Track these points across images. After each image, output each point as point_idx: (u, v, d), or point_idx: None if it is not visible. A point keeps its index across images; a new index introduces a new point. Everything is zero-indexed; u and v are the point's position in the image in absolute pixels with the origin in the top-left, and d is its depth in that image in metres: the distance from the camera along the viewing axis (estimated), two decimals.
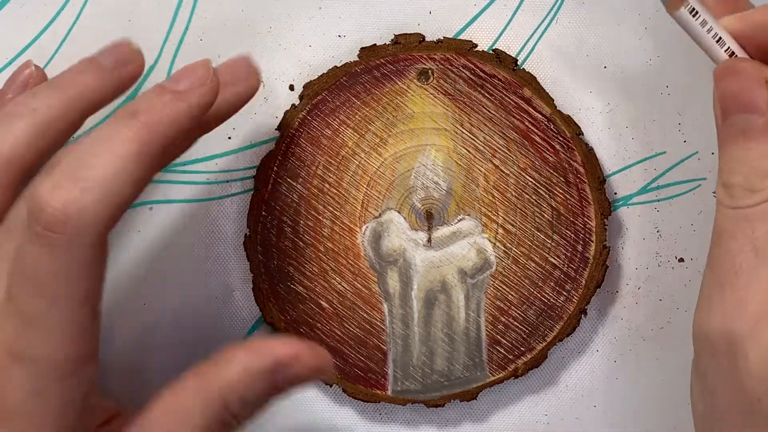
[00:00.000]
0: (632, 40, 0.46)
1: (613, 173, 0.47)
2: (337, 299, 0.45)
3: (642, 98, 0.46)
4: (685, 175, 0.47)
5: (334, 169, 0.45)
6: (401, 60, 0.44)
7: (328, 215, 0.45)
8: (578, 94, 0.46)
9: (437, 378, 0.45)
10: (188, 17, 0.46)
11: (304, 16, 0.46)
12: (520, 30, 0.46)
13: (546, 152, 0.44)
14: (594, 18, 0.46)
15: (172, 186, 0.47)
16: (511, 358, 0.45)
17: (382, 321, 0.45)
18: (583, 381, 0.47)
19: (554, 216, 0.44)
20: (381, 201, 0.45)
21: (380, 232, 0.45)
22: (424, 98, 0.44)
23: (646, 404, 0.47)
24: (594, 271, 0.44)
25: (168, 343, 0.47)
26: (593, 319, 0.47)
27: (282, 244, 0.45)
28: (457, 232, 0.45)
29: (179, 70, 0.35)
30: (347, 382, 0.45)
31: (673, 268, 0.47)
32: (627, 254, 0.47)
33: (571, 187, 0.44)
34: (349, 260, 0.45)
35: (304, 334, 0.45)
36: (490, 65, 0.44)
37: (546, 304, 0.44)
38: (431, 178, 0.45)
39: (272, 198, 0.45)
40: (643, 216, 0.47)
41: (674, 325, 0.47)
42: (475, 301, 0.45)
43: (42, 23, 0.46)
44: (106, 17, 0.46)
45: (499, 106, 0.44)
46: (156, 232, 0.47)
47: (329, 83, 0.44)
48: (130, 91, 0.46)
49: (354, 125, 0.45)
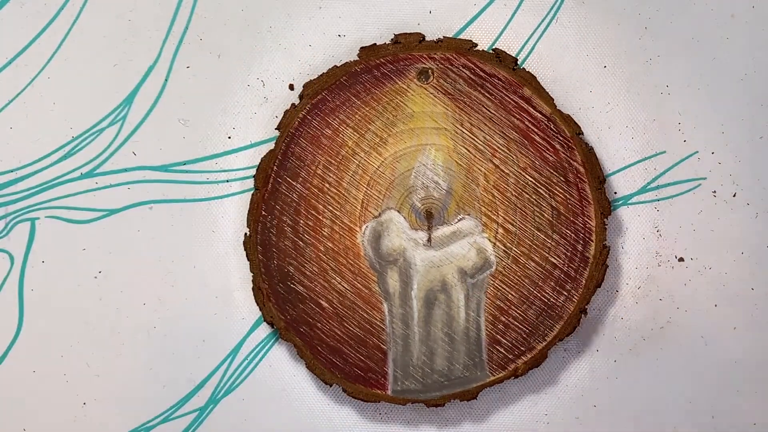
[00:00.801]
0: (632, 40, 0.46)
1: (613, 173, 0.47)
2: (337, 299, 0.45)
3: (642, 98, 0.46)
4: (685, 175, 0.47)
5: (334, 169, 0.45)
6: (401, 59, 0.44)
7: (328, 215, 0.45)
8: (578, 94, 0.46)
9: (437, 378, 0.45)
10: (188, 17, 0.46)
11: (304, 15, 0.47)
12: (520, 30, 0.46)
13: (546, 152, 0.44)
14: (594, 18, 0.46)
15: (172, 186, 0.47)
16: (511, 358, 0.45)
17: (382, 321, 0.45)
18: (583, 381, 0.47)
19: (554, 215, 0.44)
20: (381, 200, 0.45)
21: (380, 231, 0.45)
22: (424, 98, 0.44)
23: (646, 404, 0.47)
24: (594, 271, 0.44)
25: (168, 343, 0.47)
26: (593, 319, 0.47)
27: (282, 243, 0.45)
28: (457, 231, 0.45)
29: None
30: (347, 382, 0.45)
31: (673, 267, 0.47)
32: (627, 254, 0.47)
33: (571, 186, 0.44)
34: (349, 260, 0.45)
35: (304, 333, 0.45)
36: (490, 65, 0.44)
37: (546, 303, 0.44)
38: (431, 177, 0.45)
39: (272, 198, 0.45)
40: (643, 216, 0.47)
41: (674, 325, 0.47)
42: (475, 300, 0.44)
43: (42, 23, 0.46)
44: (106, 17, 0.46)
45: (499, 105, 0.44)
46: (156, 232, 0.47)
47: (329, 83, 0.44)
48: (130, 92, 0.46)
49: (354, 125, 0.45)
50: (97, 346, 0.47)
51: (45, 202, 0.47)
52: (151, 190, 0.47)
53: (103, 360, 0.47)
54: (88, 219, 0.47)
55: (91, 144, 0.47)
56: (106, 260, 0.47)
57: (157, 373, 0.47)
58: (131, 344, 0.47)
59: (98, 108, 0.47)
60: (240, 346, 0.47)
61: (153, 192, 0.47)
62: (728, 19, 0.46)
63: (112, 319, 0.47)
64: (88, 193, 0.47)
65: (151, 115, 0.47)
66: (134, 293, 0.47)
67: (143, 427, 0.47)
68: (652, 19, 0.46)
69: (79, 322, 0.47)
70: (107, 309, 0.47)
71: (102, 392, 0.47)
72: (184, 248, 0.47)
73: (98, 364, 0.47)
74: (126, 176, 0.47)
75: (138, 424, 0.47)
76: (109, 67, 0.46)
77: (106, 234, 0.47)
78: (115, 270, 0.47)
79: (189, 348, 0.47)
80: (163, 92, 0.46)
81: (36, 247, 0.47)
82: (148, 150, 0.47)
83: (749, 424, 0.47)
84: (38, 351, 0.47)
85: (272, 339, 0.47)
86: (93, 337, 0.47)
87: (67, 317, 0.47)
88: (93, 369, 0.47)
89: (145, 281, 0.47)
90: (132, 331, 0.47)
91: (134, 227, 0.47)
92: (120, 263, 0.47)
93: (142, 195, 0.47)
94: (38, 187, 0.47)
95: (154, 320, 0.47)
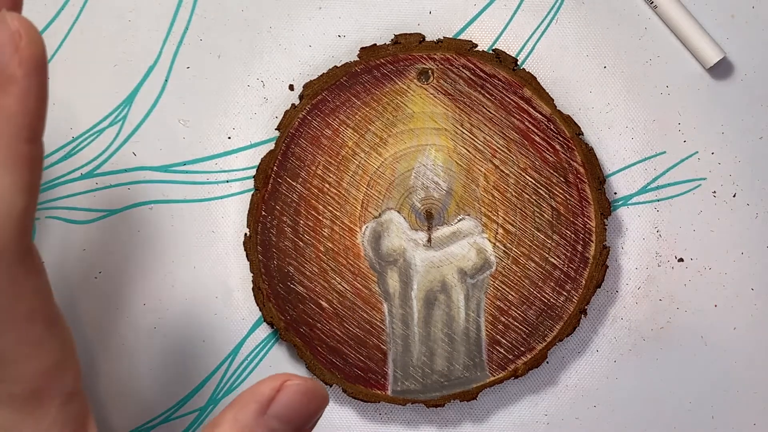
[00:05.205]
0: (632, 40, 0.46)
1: (613, 173, 0.47)
2: (337, 299, 0.45)
3: (642, 98, 0.46)
4: (685, 175, 0.47)
5: (334, 169, 0.45)
6: (401, 60, 0.44)
7: (328, 215, 0.45)
8: (578, 94, 0.46)
9: (437, 378, 0.45)
10: (188, 17, 0.46)
11: (304, 16, 0.46)
12: (520, 30, 0.46)
13: (546, 152, 0.44)
14: (594, 18, 0.46)
15: (172, 186, 0.47)
16: (511, 358, 0.45)
17: (382, 321, 0.45)
18: (583, 381, 0.47)
19: (554, 216, 0.44)
20: (381, 201, 0.45)
21: (380, 232, 0.45)
22: (424, 98, 0.44)
23: (646, 404, 0.47)
24: (594, 271, 0.44)
25: (168, 343, 0.47)
26: (593, 319, 0.47)
27: (282, 244, 0.45)
28: (457, 232, 0.45)
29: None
30: (347, 382, 0.45)
31: (673, 268, 0.47)
32: (627, 254, 0.47)
33: (571, 187, 0.44)
34: (349, 260, 0.45)
35: (304, 334, 0.45)
36: (490, 65, 0.44)
37: (546, 304, 0.44)
38: (431, 178, 0.45)
39: (272, 198, 0.45)
40: (643, 216, 0.47)
41: (674, 325, 0.47)
42: (475, 301, 0.44)
43: (42, 23, 0.46)
44: (106, 17, 0.46)
45: (499, 106, 0.44)
46: (156, 232, 0.47)
47: (329, 83, 0.44)
48: (130, 92, 0.46)
49: (354, 125, 0.45)
50: (97, 346, 0.47)
51: (45, 202, 0.47)
52: (151, 191, 0.47)
53: (102, 360, 0.47)
54: (88, 219, 0.47)
55: (91, 144, 0.47)
56: (106, 260, 0.47)
57: (157, 374, 0.47)
58: (131, 344, 0.47)
59: (98, 108, 0.47)
60: (240, 347, 0.47)
61: (153, 192, 0.47)
62: (728, 19, 0.46)
63: (112, 319, 0.47)
64: (88, 194, 0.47)
65: (151, 115, 0.47)
66: (134, 293, 0.47)
67: (143, 428, 0.47)
68: (652, 19, 0.46)
69: (79, 322, 0.47)
70: (107, 309, 0.47)
71: (102, 393, 0.47)
72: (184, 248, 0.47)
73: (98, 365, 0.47)
74: (126, 176, 0.47)
75: (138, 425, 0.47)
76: (109, 67, 0.46)
77: (106, 234, 0.47)
78: (115, 270, 0.47)
79: (189, 348, 0.47)
80: (163, 92, 0.46)
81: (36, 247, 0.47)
82: (148, 150, 0.47)
83: (749, 424, 0.47)
84: None
85: (272, 339, 0.47)
86: (93, 337, 0.47)
87: (67, 317, 0.47)
88: (93, 369, 0.47)
89: (145, 281, 0.47)
90: (132, 331, 0.47)
91: (134, 227, 0.47)
92: (120, 263, 0.47)
93: (142, 195, 0.47)
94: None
95: (154, 320, 0.47)
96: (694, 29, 0.45)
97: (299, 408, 0.32)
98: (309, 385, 0.32)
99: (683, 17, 0.45)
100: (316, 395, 0.32)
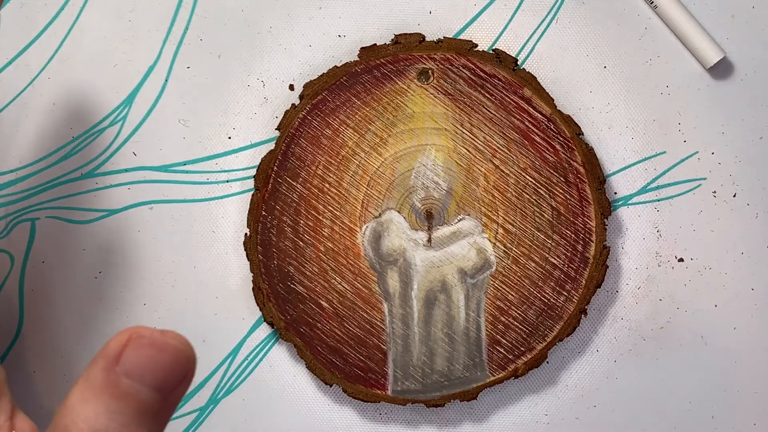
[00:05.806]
0: (632, 40, 0.46)
1: (613, 173, 0.47)
2: (337, 299, 0.45)
3: (642, 98, 0.46)
4: (685, 175, 0.47)
5: (334, 169, 0.45)
6: (401, 60, 0.44)
7: (328, 215, 0.45)
8: (578, 94, 0.46)
9: (437, 378, 0.45)
10: (188, 17, 0.46)
11: (304, 16, 0.46)
12: (520, 30, 0.46)
13: (546, 152, 0.44)
14: (594, 18, 0.46)
15: (172, 186, 0.47)
16: (511, 358, 0.45)
17: (382, 321, 0.45)
18: (583, 381, 0.47)
19: (554, 216, 0.44)
20: (381, 201, 0.45)
21: (380, 232, 0.45)
22: (424, 98, 0.44)
23: (646, 404, 0.47)
24: (594, 271, 0.44)
25: None
26: (593, 319, 0.47)
27: (282, 244, 0.45)
28: (457, 232, 0.45)
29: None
30: (347, 382, 0.45)
31: (673, 268, 0.47)
32: (627, 254, 0.47)
33: (571, 187, 0.44)
34: (349, 260, 0.45)
35: (304, 334, 0.45)
36: (490, 65, 0.44)
37: (546, 304, 0.44)
38: (431, 178, 0.45)
39: (272, 198, 0.45)
40: (643, 216, 0.47)
41: (674, 325, 0.47)
42: (475, 301, 0.44)
43: (42, 23, 0.46)
44: (106, 17, 0.46)
45: (499, 106, 0.44)
46: (156, 232, 0.47)
47: (329, 83, 0.44)
48: (130, 92, 0.46)
49: (354, 125, 0.45)
50: (97, 346, 0.47)
51: (45, 202, 0.47)
52: (151, 191, 0.47)
53: None
54: (88, 219, 0.47)
55: (91, 144, 0.47)
56: (106, 260, 0.47)
57: None
58: None
59: (98, 108, 0.47)
60: (240, 347, 0.47)
61: (153, 192, 0.47)
62: (728, 19, 0.46)
63: (112, 319, 0.47)
64: (88, 193, 0.47)
65: (151, 115, 0.47)
66: (134, 293, 0.47)
67: None
68: (652, 19, 0.46)
69: (79, 322, 0.47)
70: (107, 309, 0.47)
71: None
72: (184, 248, 0.47)
73: None
74: (126, 176, 0.47)
75: None
76: (109, 67, 0.46)
77: (106, 234, 0.47)
78: (115, 270, 0.47)
79: None
80: (163, 92, 0.46)
81: (36, 247, 0.47)
82: (148, 150, 0.47)
83: (749, 424, 0.47)
84: (38, 351, 0.47)
85: (272, 339, 0.47)
86: (93, 337, 0.47)
87: (67, 317, 0.47)
88: None
89: (145, 281, 0.47)
90: None
91: (134, 227, 0.47)
92: (120, 263, 0.47)
93: (142, 195, 0.47)
94: (38, 187, 0.47)
95: (154, 320, 0.47)
96: (694, 29, 0.46)
97: (151, 364, 0.27)
98: (157, 337, 0.28)
99: (683, 17, 0.46)
100: (170, 349, 0.28)
